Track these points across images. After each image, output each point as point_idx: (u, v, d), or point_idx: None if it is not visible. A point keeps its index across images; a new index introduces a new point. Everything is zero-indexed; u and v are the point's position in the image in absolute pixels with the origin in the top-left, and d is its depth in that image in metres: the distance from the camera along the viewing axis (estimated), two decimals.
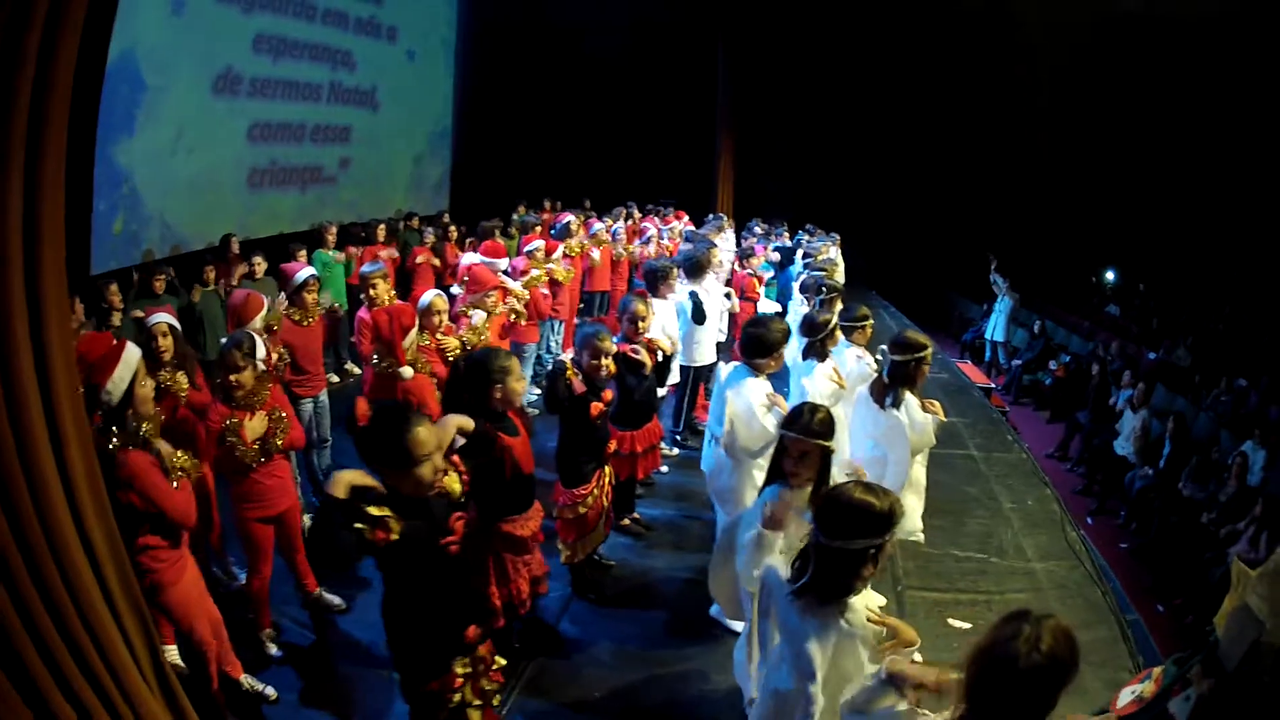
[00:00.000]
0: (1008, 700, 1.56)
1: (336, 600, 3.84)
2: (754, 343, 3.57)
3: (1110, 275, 16.38)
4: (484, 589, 3.08)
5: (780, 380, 3.90)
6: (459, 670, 2.45)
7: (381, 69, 11.17)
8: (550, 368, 3.31)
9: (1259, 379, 9.26)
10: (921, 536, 3.94)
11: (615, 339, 3.91)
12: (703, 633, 3.77)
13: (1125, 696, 2.45)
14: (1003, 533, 5.05)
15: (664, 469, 5.39)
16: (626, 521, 4.63)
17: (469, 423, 2.77)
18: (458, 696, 2.45)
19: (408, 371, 4.34)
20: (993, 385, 10.51)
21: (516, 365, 3.06)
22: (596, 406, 3.55)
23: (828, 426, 2.63)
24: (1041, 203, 15.58)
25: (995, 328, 12.16)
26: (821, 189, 15.25)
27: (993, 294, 12.30)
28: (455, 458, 2.66)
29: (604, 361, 3.60)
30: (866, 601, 2.16)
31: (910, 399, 3.64)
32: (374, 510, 2.09)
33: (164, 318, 3.66)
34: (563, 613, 3.92)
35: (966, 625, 3.94)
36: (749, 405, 3.42)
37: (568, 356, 4.89)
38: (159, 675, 2.15)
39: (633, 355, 4.01)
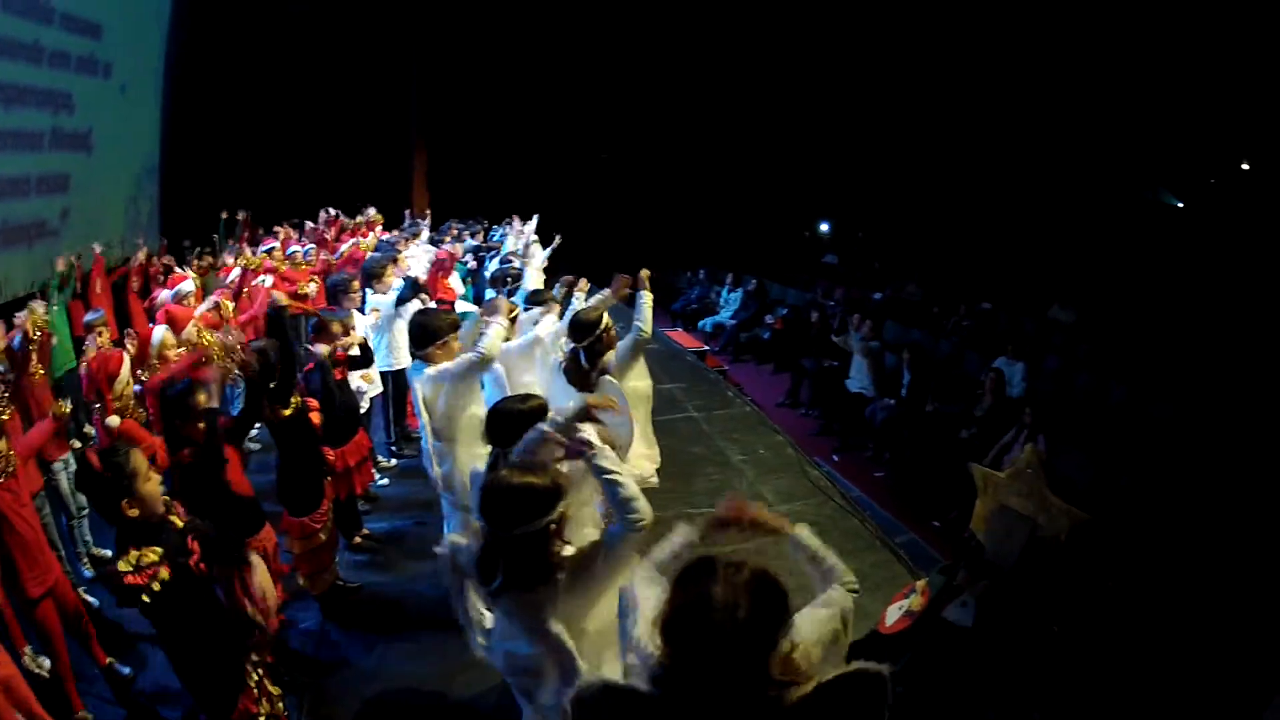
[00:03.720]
0: (714, 658, 1.42)
1: (126, 670, 3.83)
2: (419, 333, 3.55)
3: (824, 227, 17.73)
4: (243, 610, 3.08)
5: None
6: (251, 679, 2.65)
7: (97, 108, 10.04)
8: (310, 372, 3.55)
9: (1003, 301, 10.34)
10: (656, 481, 3.99)
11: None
12: (458, 635, 3.75)
13: (894, 614, 2.49)
14: (737, 484, 5.19)
15: (384, 481, 5.45)
16: (359, 540, 4.60)
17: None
18: (262, 710, 2.66)
19: (114, 421, 4.23)
20: (706, 348, 10.70)
21: (203, 396, 3.16)
22: (316, 416, 3.69)
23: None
24: (742, 168, 16.73)
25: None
26: (519, 182, 15.42)
27: (698, 263, 13.59)
28: None
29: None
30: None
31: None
32: (150, 555, 2.34)
33: None
34: (320, 641, 3.88)
35: None
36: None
37: None
38: None
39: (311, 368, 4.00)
